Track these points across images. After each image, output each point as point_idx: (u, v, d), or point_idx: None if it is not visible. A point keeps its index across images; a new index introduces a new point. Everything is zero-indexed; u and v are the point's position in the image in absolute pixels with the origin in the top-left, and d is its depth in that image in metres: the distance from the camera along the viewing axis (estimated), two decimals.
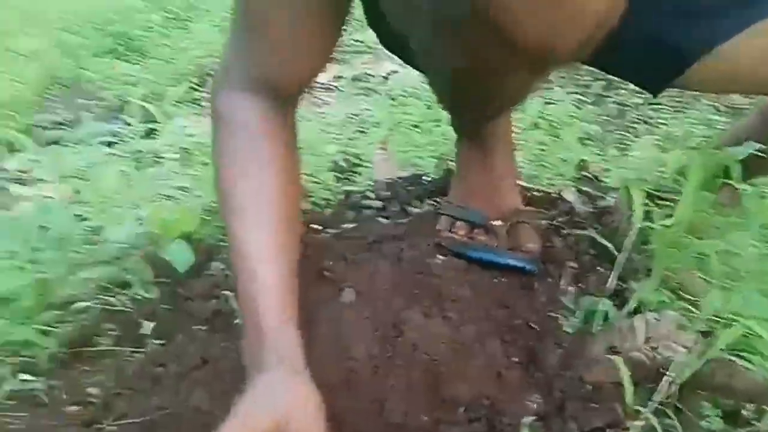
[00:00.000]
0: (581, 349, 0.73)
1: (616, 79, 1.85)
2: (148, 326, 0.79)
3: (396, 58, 0.90)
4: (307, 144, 1.35)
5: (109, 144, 1.52)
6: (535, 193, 1.09)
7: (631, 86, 1.89)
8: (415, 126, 1.56)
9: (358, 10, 0.80)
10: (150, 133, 1.57)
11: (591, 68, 1.79)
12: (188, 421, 0.70)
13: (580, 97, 1.79)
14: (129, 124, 1.57)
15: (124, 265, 0.86)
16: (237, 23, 0.67)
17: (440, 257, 0.83)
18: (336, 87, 1.87)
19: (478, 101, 0.70)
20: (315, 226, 0.91)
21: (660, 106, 1.76)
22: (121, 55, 1.98)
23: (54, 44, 1.96)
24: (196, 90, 1.75)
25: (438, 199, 1.03)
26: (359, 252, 0.85)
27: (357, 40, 2.08)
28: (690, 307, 0.73)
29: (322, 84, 1.88)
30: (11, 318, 0.80)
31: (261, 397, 0.55)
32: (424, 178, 1.13)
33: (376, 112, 1.65)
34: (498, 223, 0.88)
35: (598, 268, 0.88)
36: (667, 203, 0.87)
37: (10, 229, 0.93)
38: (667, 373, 0.67)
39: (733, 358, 0.67)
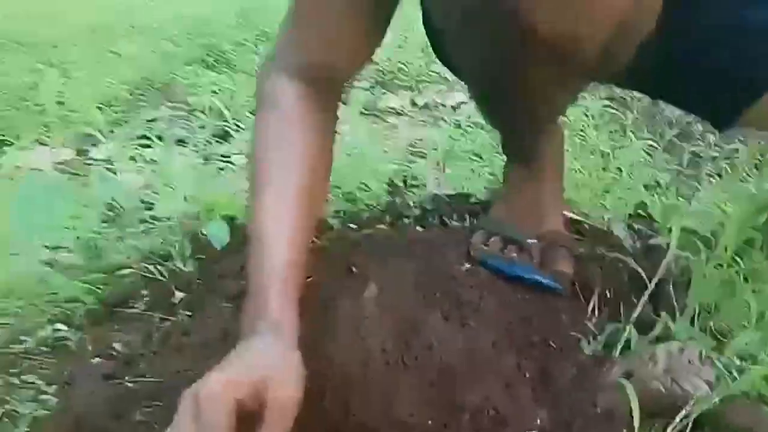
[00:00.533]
0: (597, 373, 0.71)
1: (692, 130, 1.80)
2: (179, 297, 0.83)
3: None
4: (367, 161, 1.38)
5: (185, 143, 1.62)
6: (584, 225, 1.07)
7: (709, 138, 1.82)
8: (476, 154, 1.57)
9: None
10: (223, 137, 1.66)
11: (664, 109, 1.74)
12: None
13: (653, 144, 1.75)
14: (204, 127, 1.67)
15: (169, 240, 0.91)
16: (291, 11, 0.71)
17: (467, 266, 0.83)
18: (405, 112, 1.91)
19: (515, 108, 0.70)
20: (351, 225, 0.94)
21: (737, 161, 1.68)
22: (210, 65, 2.11)
23: (151, 50, 2.12)
24: None
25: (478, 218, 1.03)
26: (388, 252, 0.86)
27: (433, 71, 2.13)
28: (719, 345, 0.70)
29: (393, 109, 1.93)
30: (62, 273, 0.86)
31: (248, 355, 0.56)
32: (470, 197, 1.14)
33: (440, 138, 1.67)
34: (533, 241, 0.87)
35: (633, 299, 0.85)
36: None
37: (78, 197, 1.00)
38: (684, 406, 0.63)
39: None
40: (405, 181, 1.39)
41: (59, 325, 0.80)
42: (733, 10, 0.68)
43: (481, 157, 1.57)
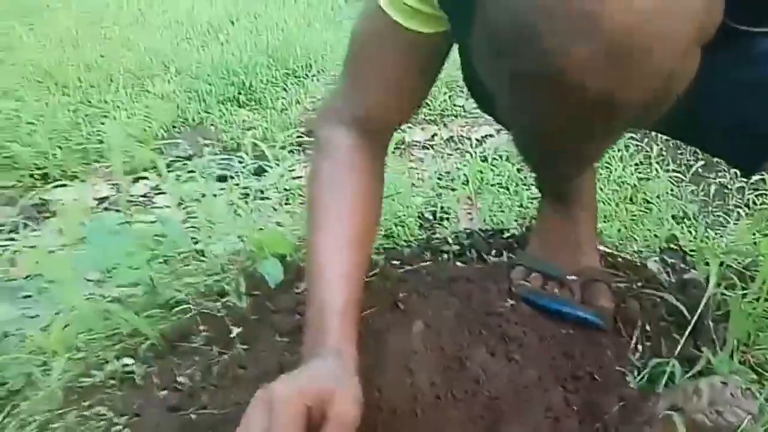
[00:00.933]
0: (643, 406, 0.73)
1: (717, 161, 1.81)
2: (236, 332, 0.88)
3: (493, 121, 0.96)
4: (398, 194, 1.43)
5: (223, 179, 1.68)
6: (618, 259, 1.10)
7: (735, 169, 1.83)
8: (503, 187, 1.61)
9: (457, 73, 0.88)
10: (259, 173, 1.72)
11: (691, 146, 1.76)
12: None
13: (679, 176, 1.77)
14: (241, 164, 1.73)
15: (223, 277, 0.96)
16: (346, 68, 0.77)
17: (510, 302, 0.86)
18: (432, 146, 1.96)
19: (558, 157, 0.74)
20: (394, 262, 0.98)
21: (765, 192, 1.70)
22: (242, 103, 2.19)
23: (185, 89, 2.21)
24: (303, 138, 1.91)
25: (515, 253, 1.07)
26: (432, 288, 0.90)
27: (457, 105, 2.18)
28: (759, 377, 0.72)
29: (419, 142, 1.98)
30: (122, 309, 0.90)
31: (312, 371, 0.60)
32: (504, 232, 1.17)
33: (467, 171, 1.71)
34: (573, 278, 0.90)
35: (674, 334, 0.87)
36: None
37: (131, 234, 1.05)
38: None
39: None
40: (435, 214, 1.44)
41: (126, 359, 0.84)
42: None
43: (508, 189, 1.61)
